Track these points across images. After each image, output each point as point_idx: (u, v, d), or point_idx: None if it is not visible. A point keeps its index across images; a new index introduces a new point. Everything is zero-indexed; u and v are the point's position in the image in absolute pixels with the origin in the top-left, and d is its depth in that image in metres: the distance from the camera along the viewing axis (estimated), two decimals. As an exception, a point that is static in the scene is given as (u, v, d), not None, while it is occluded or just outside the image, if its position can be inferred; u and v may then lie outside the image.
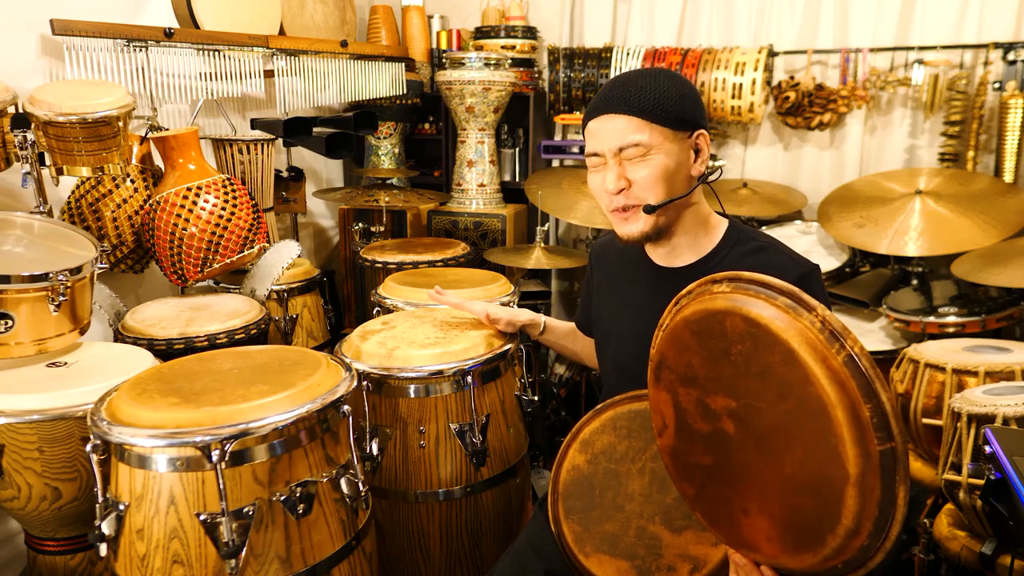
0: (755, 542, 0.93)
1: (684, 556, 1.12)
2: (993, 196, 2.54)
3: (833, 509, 0.80)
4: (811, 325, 0.81)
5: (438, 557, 1.62)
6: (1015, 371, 1.65)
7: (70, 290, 1.54)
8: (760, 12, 3.07)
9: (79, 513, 1.45)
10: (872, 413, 0.77)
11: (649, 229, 1.27)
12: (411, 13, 3.32)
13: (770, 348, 0.84)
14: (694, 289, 0.98)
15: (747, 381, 0.88)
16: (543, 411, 2.83)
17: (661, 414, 1.05)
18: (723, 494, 0.97)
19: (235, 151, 2.37)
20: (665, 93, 1.22)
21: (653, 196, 1.23)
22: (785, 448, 0.85)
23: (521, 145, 3.37)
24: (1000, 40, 2.69)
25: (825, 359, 0.79)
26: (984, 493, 1.17)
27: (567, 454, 1.29)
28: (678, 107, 1.22)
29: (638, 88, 1.22)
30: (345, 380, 1.30)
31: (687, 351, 0.97)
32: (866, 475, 0.77)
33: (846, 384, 0.78)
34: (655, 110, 1.21)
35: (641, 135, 1.21)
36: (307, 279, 2.45)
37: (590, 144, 1.28)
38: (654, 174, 1.22)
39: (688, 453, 1.01)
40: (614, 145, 1.23)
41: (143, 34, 2.09)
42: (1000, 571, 1.45)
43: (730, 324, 0.89)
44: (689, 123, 1.24)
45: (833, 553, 0.82)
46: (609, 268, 1.50)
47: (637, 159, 1.22)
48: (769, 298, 0.85)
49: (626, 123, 1.21)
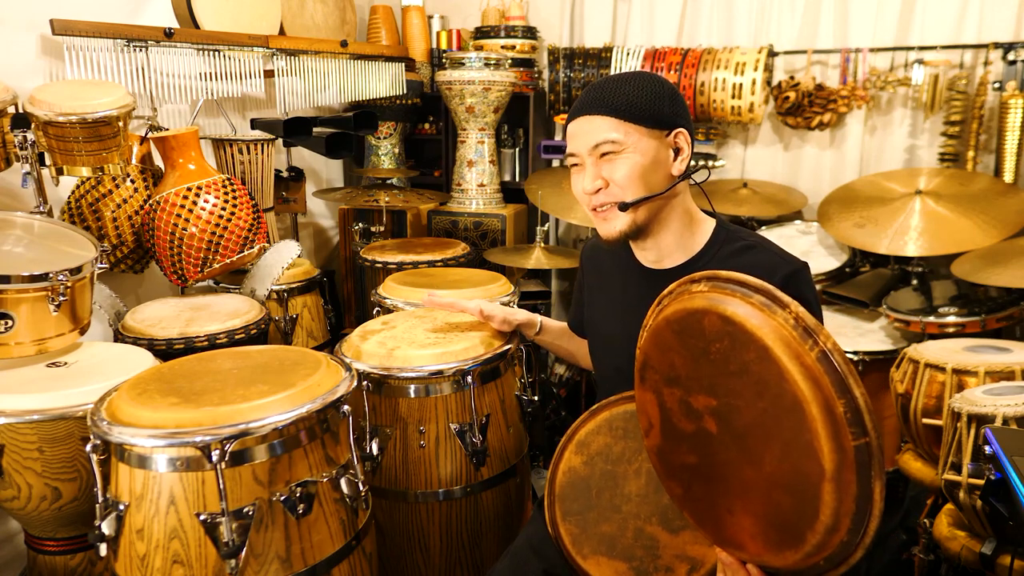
0: (740, 540, 0.94)
1: (682, 556, 1.12)
2: (993, 196, 2.54)
3: (811, 505, 0.81)
4: (784, 322, 0.82)
5: (438, 557, 1.62)
6: (1015, 371, 1.65)
7: (70, 290, 1.54)
8: (760, 12, 3.07)
9: (79, 513, 1.45)
10: (846, 408, 0.77)
11: (627, 228, 1.28)
12: (411, 13, 3.33)
13: (746, 346, 0.85)
14: (674, 289, 0.99)
15: (726, 380, 0.89)
16: (543, 411, 2.83)
17: (647, 414, 1.06)
18: (709, 493, 0.97)
19: (235, 151, 2.37)
20: (638, 92, 1.24)
21: (629, 194, 1.25)
22: (764, 446, 0.86)
23: (521, 145, 3.37)
24: (1000, 40, 2.69)
25: (799, 356, 0.80)
26: (984, 493, 1.17)
27: (563, 456, 1.29)
28: (651, 105, 1.24)
29: (612, 89, 1.25)
30: (345, 380, 1.30)
31: (669, 351, 0.97)
32: (842, 470, 0.78)
33: (820, 380, 0.78)
34: (628, 108, 1.23)
35: (615, 133, 1.23)
36: (307, 279, 2.45)
37: (569, 146, 1.31)
38: (629, 172, 1.24)
39: (674, 452, 1.02)
40: (589, 144, 1.25)
41: (143, 34, 2.09)
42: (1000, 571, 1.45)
43: (708, 323, 0.90)
44: (666, 122, 1.26)
45: (814, 550, 0.83)
46: (600, 270, 1.51)
47: (612, 156, 1.24)
48: (744, 296, 0.86)
49: (600, 122, 1.24)
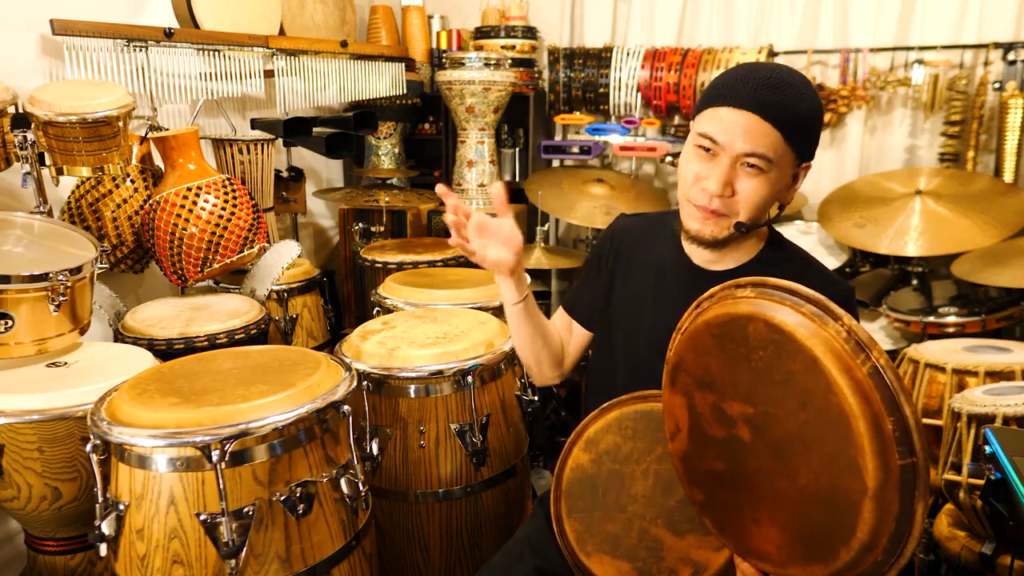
0: (765, 551, 0.92)
1: (686, 560, 1.12)
2: (993, 196, 2.54)
3: (849, 522, 0.79)
4: (836, 334, 0.79)
5: (438, 557, 1.62)
6: (1015, 371, 1.65)
7: (70, 290, 1.54)
8: (760, 12, 3.07)
9: (79, 513, 1.45)
10: (895, 427, 0.75)
11: (722, 239, 1.18)
12: (411, 13, 3.32)
13: (793, 355, 0.82)
14: (716, 293, 0.96)
15: (767, 388, 0.87)
16: (543, 411, 2.82)
17: (675, 417, 1.04)
18: (734, 501, 0.96)
19: (235, 151, 2.37)
20: (810, 112, 1.11)
21: (748, 215, 1.14)
22: (802, 458, 0.84)
23: (521, 145, 3.37)
24: (1000, 40, 2.69)
25: (849, 369, 0.77)
26: (984, 493, 1.17)
27: (571, 452, 1.28)
28: (814, 132, 1.14)
29: (789, 95, 1.09)
30: (345, 380, 1.30)
31: (706, 355, 0.95)
32: (885, 489, 0.76)
33: (870, 396, 0.76)
34: (795, 128, 1.10)
35: (773, 152, 1.09)
36: (307, 279, 2.45)
37: (711, 128, 1.12)
38: (761, 194, 1.12)
39: (700, 458, 1.00)
40: (743, 147, 1.09)
41: (143, 34, 2.09)
42: (1000, 571, 1.45)
43: (752, 329, 0.87)
44: (810, 151, 1.16)
45: (846, 567, 0.81)
46: (631, 254, 1.36)
47: (755, 172, 1.11)
48: (795, 305, 0.83)
49: (765, 130, 1.08)
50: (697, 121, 1.16)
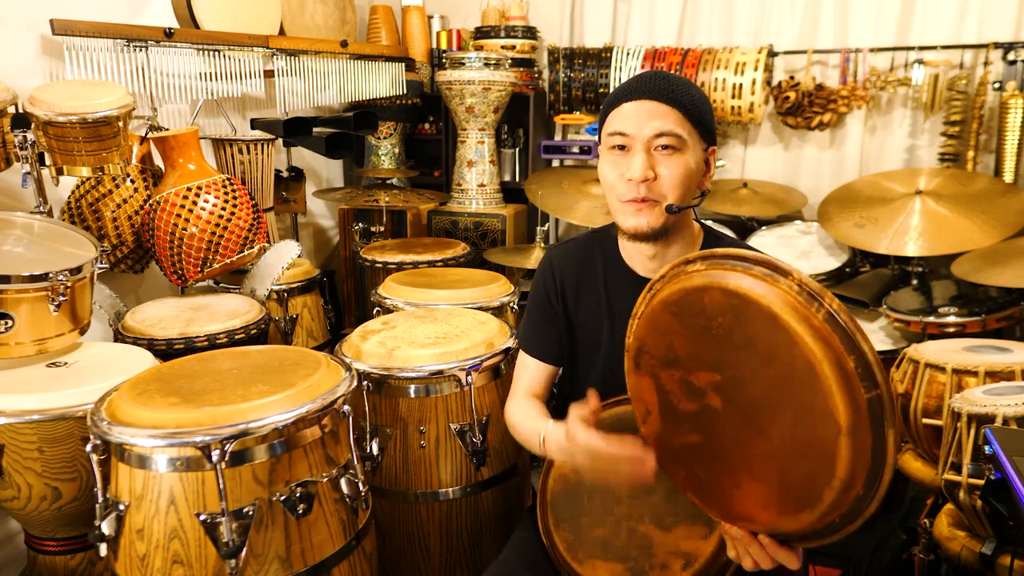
0: (751, 513, 0.94)
1: (676, 553, 1.12)
2: (993, 196, 2.54)
3: (828, 463, 0.82)
4: (789, 289, 0.83)
5: (438, 557, 1.62)
6: (1015, 371, 1.64)
7: (70, 290, 1.54)
8: (760, 12, 3.07)
9: (79, 513, 1.45)
10: (856, 364, 0.78)
11: (660, 226, 1.22)
12: (411, 13, 3.33)
13: (752, 316, 0.85)
14: (667, 272, 0.99)
15: (731, 353, 0.90)
16: (543, 411, 2.82)
17: (643, 401, 1.05)
18: (714, 470, 0.98)
19: (235, 151, 2.37)
20: (700, 97, 1.21)
21: (674, 195, 1.19)
22: (774, 413, 0.87)
23: (521, 145, 3.37)
24: (1000, 40, 2.69)
25: (807, 319, 0.81)
26: (984, 493, 1.17)
27: (553, 464, 1.29)
28: (709, 114, 1.22)
29: (677, 85, 1.19)
30: (345, 380, 1.30)
31: (667, 333, 0.98)
32: (857, 424, 0.79)
33: (829, 340, 0.79)
34: (694, 109, 1.19)
35: (681, 129, 1.17)
36: (307, 279, 2.45)
37: (619, 124, 1.19)
38: (682, 172, 1.18)
39: (674, 435, 1.02)
40: (652, 131, 1.17)
41: (143, 34, 2.09)
42: (1000, 571, 1.45)
43: (709, 299, 0.90)
44: (710, 135, 1.24)
45: (830, 508, 0.84)
46: (575, 279, 1.39)
47: (671, 152, 1.18)
48: (746, 269, 0.87)
49: (668, 113, 1.17)
50: (604, 129, 1.24)
